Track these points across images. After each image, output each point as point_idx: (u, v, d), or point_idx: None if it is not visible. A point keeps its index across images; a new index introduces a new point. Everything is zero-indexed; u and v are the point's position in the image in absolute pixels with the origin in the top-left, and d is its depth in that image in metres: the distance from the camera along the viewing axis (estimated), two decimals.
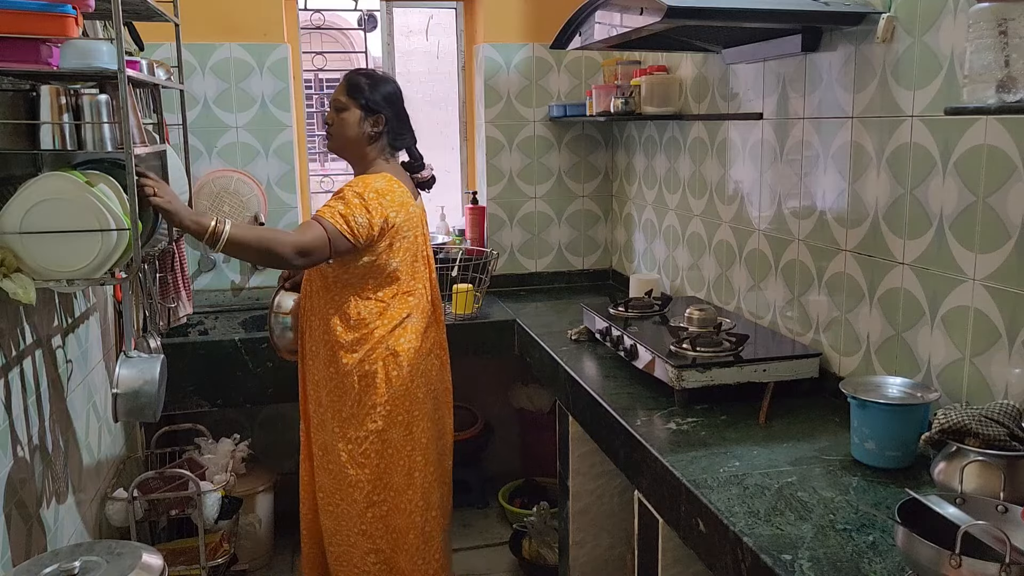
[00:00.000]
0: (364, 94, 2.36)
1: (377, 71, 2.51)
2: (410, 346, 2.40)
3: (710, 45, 2.51)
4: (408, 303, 2.41)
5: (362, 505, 2.43)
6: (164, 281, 2.57)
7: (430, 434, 2.48)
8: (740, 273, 2.57)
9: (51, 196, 1.73)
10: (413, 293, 2.42)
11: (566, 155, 3.60)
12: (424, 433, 2.46)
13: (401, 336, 2.39)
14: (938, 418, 1.49)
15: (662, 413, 2.00)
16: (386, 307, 2.37)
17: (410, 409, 2.43)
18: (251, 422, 3.51)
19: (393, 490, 2.44)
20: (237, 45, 3.25)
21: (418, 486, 2.45)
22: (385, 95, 2.41)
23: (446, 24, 3.69)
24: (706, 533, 1.53)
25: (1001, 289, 1.59)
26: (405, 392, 2.41)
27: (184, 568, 2.50)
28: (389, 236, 2.30)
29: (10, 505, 1.73)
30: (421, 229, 2.46)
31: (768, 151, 2.37)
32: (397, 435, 2.42)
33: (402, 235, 2.33)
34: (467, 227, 3.61)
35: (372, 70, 2.52)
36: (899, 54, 1.82)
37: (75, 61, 1.71)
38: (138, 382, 2.04)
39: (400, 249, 2.34)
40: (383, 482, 2.43)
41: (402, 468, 2.43)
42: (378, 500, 2.43)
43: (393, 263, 2.34)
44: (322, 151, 3.99)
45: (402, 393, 2.40)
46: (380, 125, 2.39)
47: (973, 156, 1.63)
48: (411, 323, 2.41)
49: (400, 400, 2.40)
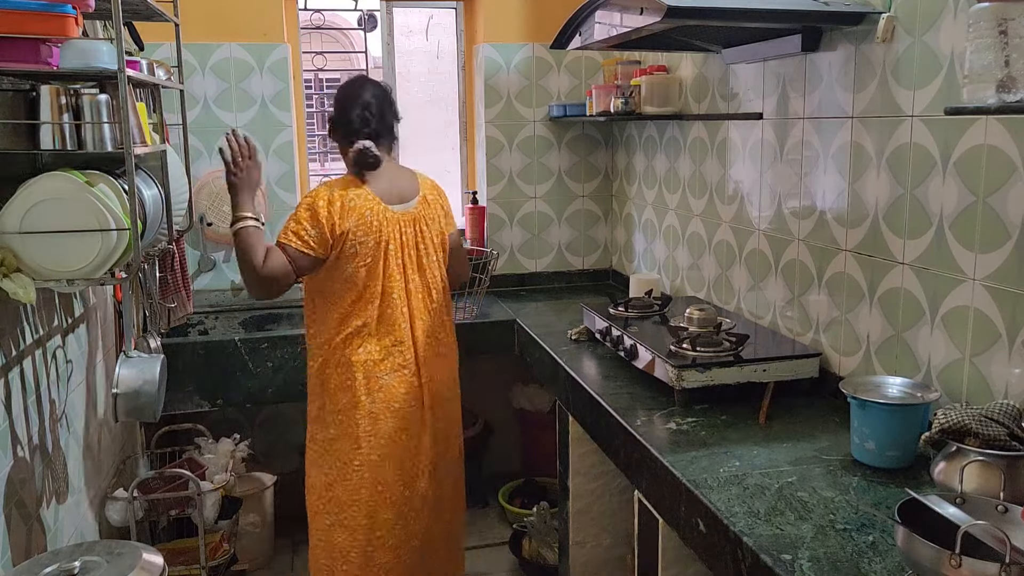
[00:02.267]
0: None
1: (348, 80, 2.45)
2: (367, 358, 2.30)
3: (710, 45, 2.51)
4: (366, 312, 2.29)
5: (313, 510, 2.41)
6: (164, 281, 2.57)
7: (384, 452, 2.34)
8: (740, 273, 2.57)
9: (51, 196, 1.73)
10: (373, 303, 2.30)
11: (566, 155, 3.60)
12: (376, 451, 2.33)
13: (359, 346, 2.30)
14: (938, 418, 1.49)
15: (662, 413, 2.00)
16: (344, 315, 2.30)
17: (359, 423, 2.31)
18: (251, 422, 3.51)
19: (337, 504, 2.35)
20: (237, 45, 3.25)
21: (363, 504, 2.33)
22: (334, 102, 2.39)
23: (446, 24, 3.69)
24: (706, 533, 1.53)
25: (1001, 289, 1.59)
26: (356, 405, 2.31)
27: (184, 568, 2.50)
28: (339, 243, 2.24)
29: (10, 505, 1.73)
30: (388, 235, 2.30)
31: (768, 151, 2.37)
32: (346, 447, 2.33)
33: (355, 241, 2.24)
34: (467, 227, 3.61)
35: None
36: (899, 54, 1.82)
37: (75, 61, 1.71)
38: (138, 382, 2.04)
39: (353, 256, 2.25)
40: (330, 493, 2.36)
41: (349, 483, 2.33)
42: (323, 510, 2.38)
43: (348, 270, 2.26)
44: (322, 151, 3.99)
45: (353, 405, 2.31)
46: (333, 133, 2.38)
47: (973, 156, 1.63)
48: (368, 333, 2.30)
49: (350, 412, 2.31)
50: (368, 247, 2.27)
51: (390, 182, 2.37)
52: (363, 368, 2.30)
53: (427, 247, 2.41)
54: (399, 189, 2.38)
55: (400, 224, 2.34)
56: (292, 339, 2.92)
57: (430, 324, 2.43)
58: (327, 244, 2.23)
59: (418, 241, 2.38)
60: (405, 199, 2.38)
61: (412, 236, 2.36)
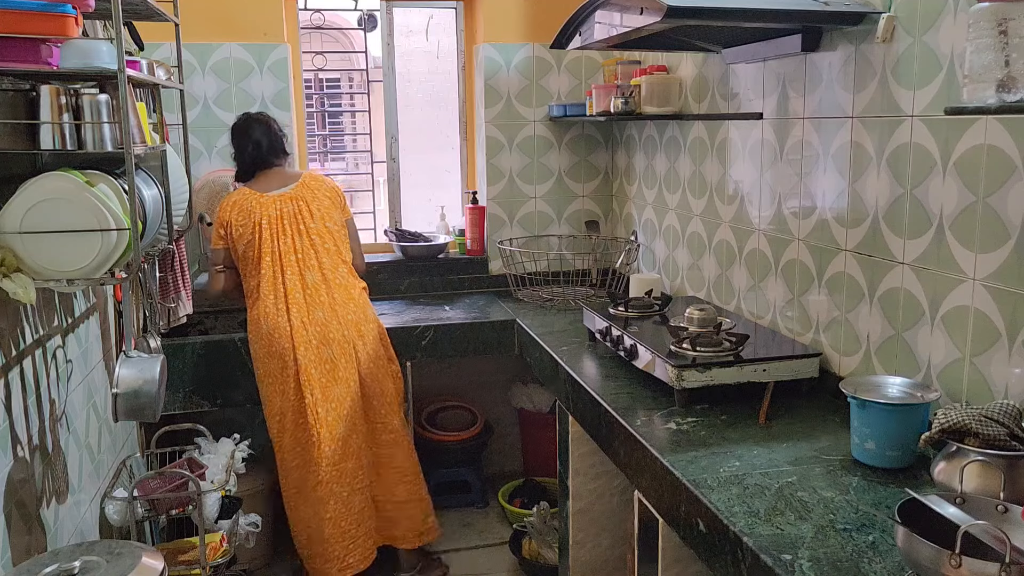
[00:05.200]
0: None
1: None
2: (256, 313, 2.83)
3: (710, 45, 2.51)
4: (256, 276, 2.86)
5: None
6: (164, 281, 2.57)
7: (273, 392, 2.82)
8: (740, 273, 2.57)
9: (51, 196, 1.73)
10: (259, 267, 2.85)
11: (566, 155, 3.60)
12: (273, 394, 2.83)
13: (253, 306, 2.86)
14: (938, 418, 1.49)
15: (662, 413, 2.00)
16: (247, 284, 2.91)
17: (258, 371, 2.85)
18: (251, 422, 3.50)
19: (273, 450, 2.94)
20: (237, 45, 3.25)
21: (277, 447, 2.89)
22: (231, 141, 3.01)
23: (446, 24, 3.70)
24: (706, 533, 1.53)
25: (1001, 289, 1.59)
26: (255, 356, 2.85)
27: (184, 568, 2.50)
28: (227, 230, 2.87)
29: (10, 505, 1.73)
30: (263, 216, 2.86)
31: (768, 151, 2.37)
32: (262, 397, 2.88)
33: (237, 226, 2.86)
34: (467, 227, 3.61)
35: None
36: (899, 54, 1.82)
37: (75, 61, 1.71)
38: (138, 382, 2.04)
39: (239, 237, 2.86)
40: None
41: (270, 430, 2.89)
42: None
43: (240, 248, 2.87)
44: (322, 151, 3.99)
45: (255, 357, 2.85)
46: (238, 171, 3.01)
47: (973, 156, 1.63)
48: (261, 293, 2.84)
49: (256, 363, 2.85)
50: (248, 228, 2.86)
51: (268, 181, 2.93)
52: (253, 322, 2.85)
53: (311, 214, 2.90)
54: (278, 182, 2.93)
55: (277, 203, 2.88)
56: None
57: (309, 278, 2.87)
58: (224, 234, 2.89)
59: (296, 212, 2.89)
60: (284, 186, 2.92)
61: (291, 210, 2.88)
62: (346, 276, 2.94)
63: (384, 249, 3.72)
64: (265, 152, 2.94)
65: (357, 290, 2.95)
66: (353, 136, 4.72)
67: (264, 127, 2.95)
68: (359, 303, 2.92)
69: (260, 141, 2.93)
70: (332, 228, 2.94)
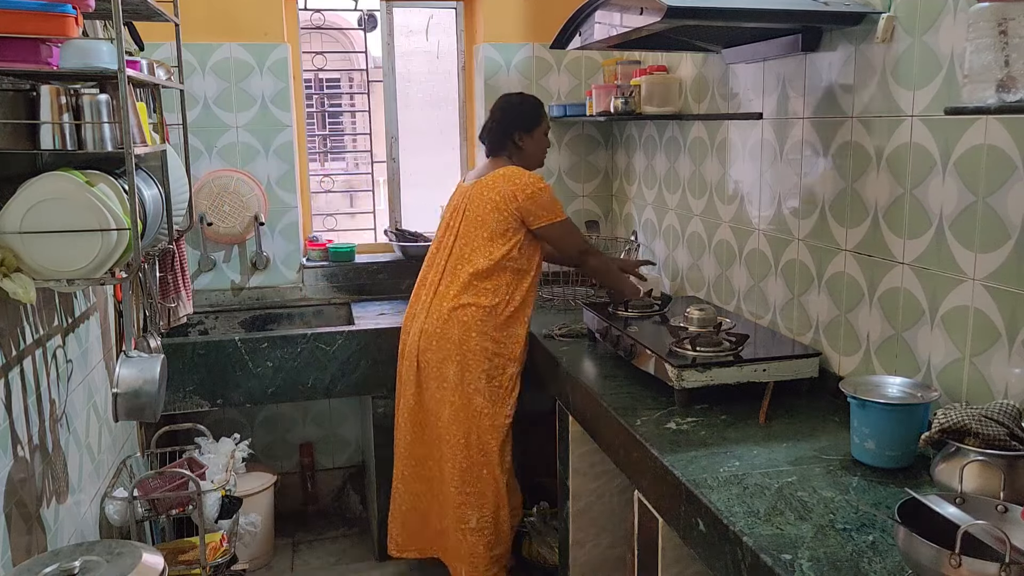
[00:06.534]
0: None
1: None
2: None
3: (710, 45, 2.51)
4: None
5: None
6: (164, 281, 2.57)
7: (398, 394, 2.84)
8: (740, 273, 2.57)
9: (51, 196, 1.73)
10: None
11: (566, 155, 3.60)
12: (400, 397, 2.83)
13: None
14: (938, 418, 1.49)
15: (662, 413, 2.00)
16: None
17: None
18: (251, 422, 3.51)
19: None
20: (237, 45, 3.25)
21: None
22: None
23: (446, 24, 3.69)
24: (706, 533, 1.53)
25: (1001, 289, 1.59)
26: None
27: (184, 568, 2.50)
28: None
29: (10, 505, 1.73)
30: (455, 202, 2.80)
31: (768, 151, 2.38)
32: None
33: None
34: None
35: None
36: (899, 54, 1.83)
37: (75, 61, 1.71)
38: (138, 382, 2.04)
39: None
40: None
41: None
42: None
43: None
44: (322, 151, 3.99)
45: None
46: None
47: (973, 156, 1.64)
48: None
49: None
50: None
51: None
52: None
53: (468, 216, 2.73)
54: (478, 169, 2.83)
55: (467, 194, 2.75)
56: (292, 339, 2.92)
57: (435, 290, 2.77)
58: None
59: (466, 209, 2.73)
60: (480, 174, 2.77)
61: (462, 206, 2.75)
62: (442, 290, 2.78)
63: (384, 249, 3.72)
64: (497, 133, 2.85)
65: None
66: (353, 136, 4.72)
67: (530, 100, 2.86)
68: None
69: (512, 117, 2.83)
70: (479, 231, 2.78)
